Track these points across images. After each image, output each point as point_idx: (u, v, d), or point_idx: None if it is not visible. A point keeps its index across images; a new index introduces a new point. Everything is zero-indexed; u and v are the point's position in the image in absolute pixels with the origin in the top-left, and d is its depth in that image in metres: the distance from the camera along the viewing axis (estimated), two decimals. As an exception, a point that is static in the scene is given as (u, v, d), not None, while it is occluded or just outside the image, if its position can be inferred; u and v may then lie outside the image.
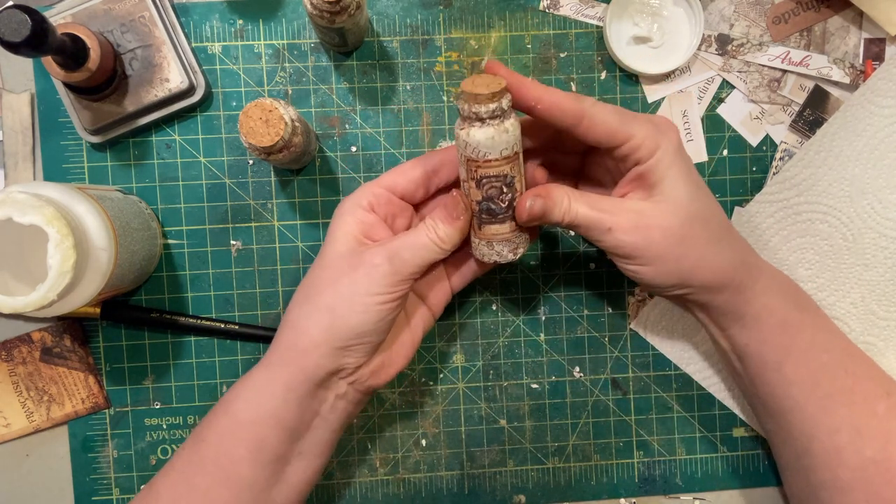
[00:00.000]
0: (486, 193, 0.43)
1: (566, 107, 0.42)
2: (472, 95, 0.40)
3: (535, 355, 0.56)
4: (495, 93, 0.40)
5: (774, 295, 0.47)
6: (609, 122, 0.43)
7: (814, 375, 0.46)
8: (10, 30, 0.39)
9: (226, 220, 0.54)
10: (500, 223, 0.44)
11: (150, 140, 0.54)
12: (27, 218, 0.39)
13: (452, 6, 0.55)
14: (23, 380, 0.53)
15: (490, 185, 0.42)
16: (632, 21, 0.55)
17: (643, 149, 0.43)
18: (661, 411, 0.56)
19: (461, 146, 0.42)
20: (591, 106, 0.43)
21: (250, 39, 0.54)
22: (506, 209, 0.43)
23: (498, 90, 0.40)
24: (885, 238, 0.54)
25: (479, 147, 0.41)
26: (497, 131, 0.41)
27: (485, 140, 0.41)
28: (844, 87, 0.56)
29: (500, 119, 0.41)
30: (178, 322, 0.53)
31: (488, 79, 0.41)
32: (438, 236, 0.43)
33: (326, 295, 0.43)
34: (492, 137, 0.41)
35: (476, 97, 0.40)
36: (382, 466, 0.56)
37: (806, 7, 0.56)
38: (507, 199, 0.43)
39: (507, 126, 0.41)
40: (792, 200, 0.54)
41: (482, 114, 0.41)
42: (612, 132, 0.43)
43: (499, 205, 0.43)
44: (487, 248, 0.45)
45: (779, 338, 0.46)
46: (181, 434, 0.54)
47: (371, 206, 0.45)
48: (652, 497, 0.57)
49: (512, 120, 0.42)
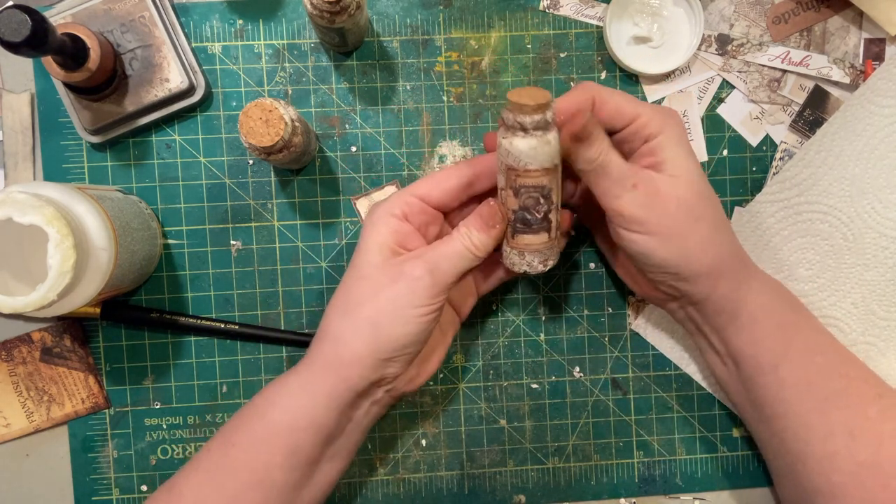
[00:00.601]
0: (524, 203, 0.43)
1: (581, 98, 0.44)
2: (518, 106, 0.41)
3: (535, 355, 0.56)
4: (541, 105, 0.41)
5: (769, 295, 0.47)
6: (618, 100, 0.45)
7: (808, 378, 0.46)
8: (10, 30, 0.39)
9: (226, 220, 0.54)
10: (535, 234, 0.44)
11: (150, 140, 0.54)
12: (27, 218, 0.39)
13: (452, 6, 0.55)
14: (23, 380, 0.53)
15: (528, 195, 0.43)
16: (632, 21, 0.55)
17: (651, 126, 0.44)
18: (661, 411, 0.56)
19: (503, 154, 0.43)
20: (597, 89, 0.45)
21: (250, 39, 0.54)
22: (541, 220, 0.44)
23: (543, 102, 0.41)
24: (886, 238, 0.54)
25: (520, 156, 0.42)
26: (540, 142, 0.42)
27: (527, 150, 0.42)
28: (844, 87, 0.56)
29: (544, 131, 0.42)
30: (178, 322, 0.53)
31: (534, 91, 0.42)
32: (473, 244, 0.43)
33: (367, 308, 0.43)
34: (534, 148, 0.42)
35: (522, 108, 0.41)
36: (382, 466, 0.56)
37: (806, 7, 0.56)
38: (543, 211, 0.43)
39: (550, 138, 0.42)
40: (792, 200, 0.54)
41: (526, 124, 0.41)
42: (620, 110, 0.44)
43: (534, 215, 0.44)
44: (519, 257, 0.45)
45: (774, 339, 0.46)
46: (181, 434, 0.54)
47: (405, 216, 0.45)
48: (652, 497, 0.57)
49: (554, 133, 0.42)
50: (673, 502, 0.57)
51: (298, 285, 0.55)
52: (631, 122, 0.45)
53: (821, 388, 0.46)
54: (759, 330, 0.46)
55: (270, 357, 0.55)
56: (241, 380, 0.54)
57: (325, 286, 0.55)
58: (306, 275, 0.55)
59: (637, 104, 0.45)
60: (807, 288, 0.55)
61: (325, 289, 0.55)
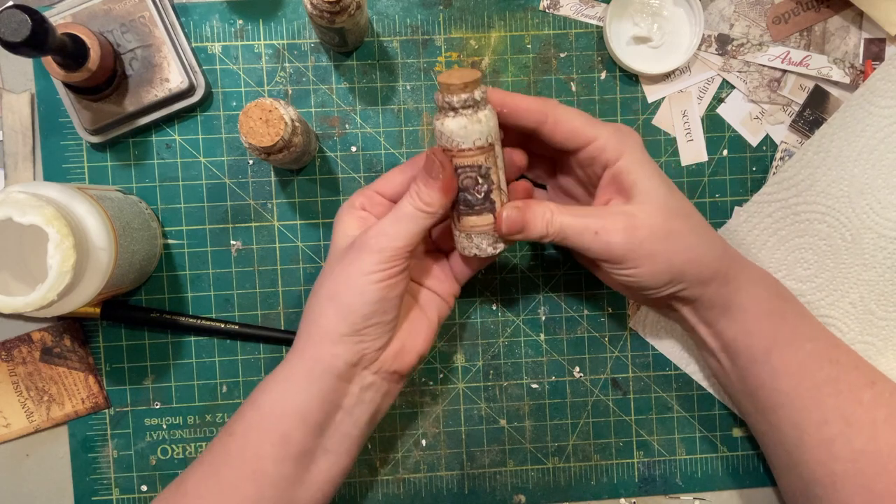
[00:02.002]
0: (462, 184, 0.43)
1: (531, 107, 0.44)
2: (446, 86, 0.42)
3: (535, 355, 0.56)
4: (467, 83, 0.41)
5: (758, 285, 0.48)
6: (573, 121, 0.45)
7: (801, 365, 0.47)
8: (10, 30, 0.39)
9: (226, 220, 0.54)
10: (478, 215, 0.44)
11: (150, 140, 0.54)
12: (27, 218, 0.39)
13: (452, 6, 0.55)
14: (23, 380, 0.53)
15: (465, 175, 0.43)
16: (632, 21, 0.55)
17: (609, 150, 0.45)
18: (661, 411, 0.56)
19: (437, 137, 0.43)
20: (555, 107, 0.45)
21: (250, 39, 0.54)
22: (482, 200, 0.44)
23: (470, 80, 0.41)
24: (884, 238, 0.54)
25: (452, 136, 0.42)
26: (470, 121, 0.42)
27: (457, 129, 0.42)
28: (844, 87, 0.56)
29: (473, 109, 0.42)
30: (178, 322, 0.53)
31: (463, 71, 0.43)
32: (423, 201, 0.43)
33: (328, 284, 0.44)
34: (464, 127, 0.42)
35: (449, 87, 0.41)
36: (382, 466, 0.56)
37: (806, 7, 0.56)
38: (483, 191, 0.43)
39: (481, 116, 0.42)
40: (791, 200, 0.54)
41: (454, 103, 0.42)
42: (575, 132, 0.45)
43: (475, 195, 0.43)
44: (467, 240, 0.45)
45: (765, 327, 0.47)
46: (181, 434, 0.54)
47: (363, 206, 0.47)
48: (652, 497, 0.57)
49: (486, 111, 0.42)
50: (673, 502, 0.57)
51: (298, 285, 0.55)
52: (587, 145, 0.45)
53: (813, 376, 0.46)
54: (750, 319, 0.47)
55: (270, 357, 0.55)
56: (241, 380, 0.54)
57: (325, 286, 0.55)
58: (306, 275, 0.55)
59: (594, 126, 0.45)
60: (805, 288, 0.55)
61: (325, 289, 0.55)
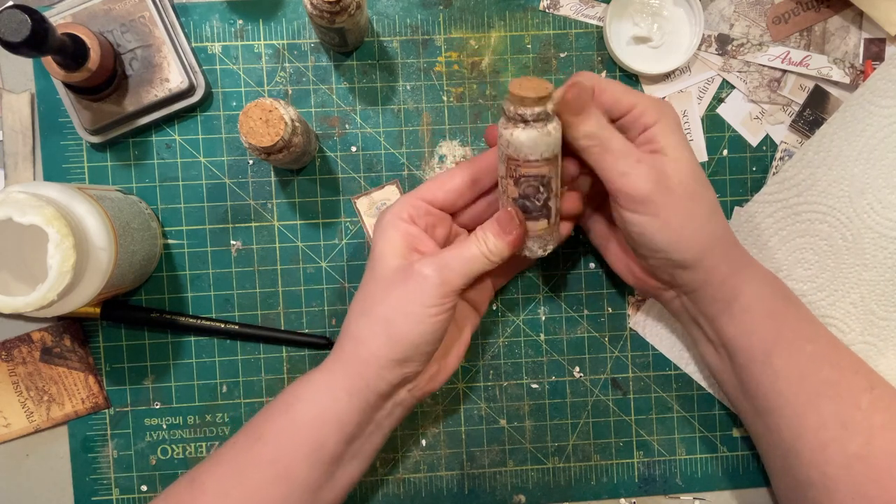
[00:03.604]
0: (524, 192, 0.44)
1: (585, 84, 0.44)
2: (519, 98, 0.41)
3: (535, 355, 0.56)
4: (541, 97, 0.41)
5: (762, 284, 0.47)
6: (616, 90, 0.46)
7: (800, 367, 0.46)
8: (10, 30, 0.39)
9: (226, 220, 0.54)
10: (535, 220, 0.45)
11: (150, 140, 0.54)
12: (27, 218, 0.39)
13: (452, 6, 0.55)
14: (23, 380, 0.53)
15: (528, 184, 0.44)
16: (632, 21, 0.55)
17: (647, 115, 0.45)
18: (661, 411, 0.56)
19: (503, 145, 0.43)
20: (596, 78, 0.46)
21: (250, 39, 0.54)
22: (541, 207, 0.44)
23: (544, 94, 0.42)
24: (885, 238, 0.54)
25: (521, 148, 0.42)
26: (540, 133, 0.42)
27: (527, 141, 0.42)
28: (844, 87, 0.56)
29: (544, 122, 0.42)
30: (178, 322, 0.53)
31: (535, 82, 0.42)
32: (489, 249, 0.44)
33: (382, 308, 0.44)
34: (534, 139, 0.42)
35: (522, 100, 0.41)
36: (382, 466, 0.56)
37: (806, 7, 0.56)
38: (542, 199, 0.44)
39: (550, 129, 0.42)
40: (791, 200, 0.54)
41: (527, 116, 0.42)
42: (617, 99, 0.45)
43: (534, 203, 0.44)
44: None
45: (766, 328, 0.47)
46: (181, 434, 0.54)
47: (412, 219, 0.46)
48: (652, 497, 0.57)
49: (555, 123, 0.43)
50: (673, 502, 0.57)
51: (298, 285, 0.55)
52: (628, 112, 0.46)
53: (812, 379, 0.46)
54: (752, 319, 0.47)
55: (270, 357, 0.55)
56: (241, 380, 0.54)
57: (325, 286, 0.55)
58: (306, 275, 0.55)
59: (634, 94, 0.46)
60: (806, 288, 0.55)
61: (324, 289, 0.55)
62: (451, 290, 0.43)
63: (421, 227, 0.46)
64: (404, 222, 0.45)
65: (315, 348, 0.55)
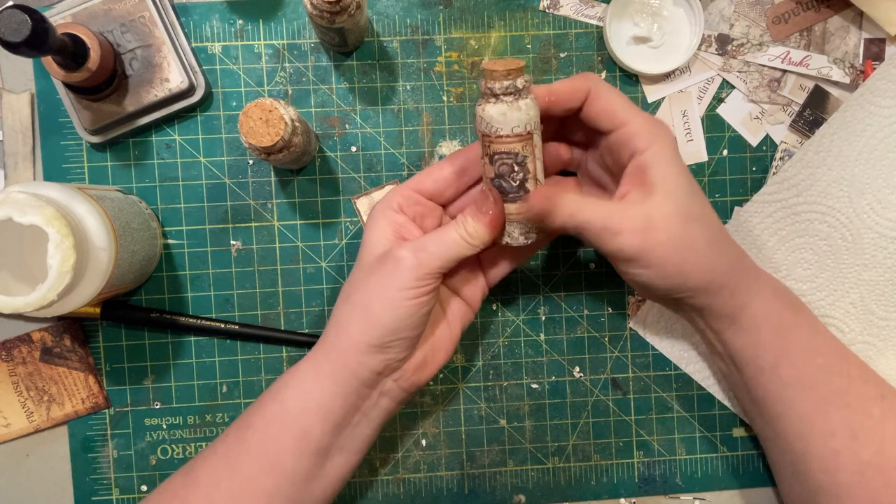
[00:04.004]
0: (498, 170, 0.43)
1: (575, 84, 0.44)
2: (489, 72, 0.42)
3: (535, 355, 0.56)
4: (510, 70, 0.42)
5: (769, 298, 0.47)
6: (612, 98, 0.44)
7: (809, 378, 0.46)
8: (10, 30, 0.39)
9: (226, 220, 0.54)
10: (512, 202, 0.44)
11: (150, 140, 0.54)
12: (27, 218, 0.39)
13: (452, 6, 0.55)
14: (23, 380, 0.53)
15: (502, 162, 0.43)
16: (632, 21, 0.55)
17: (640, 137, 0.44)
18: (661, 411, 0.56)
19: (477, 122, 0.43)
20: (597, 81, 0.45)
21: (250, 39, 0.54)
22: (517, 188, 0.44)
23: (513, 68, 0.42)
24: (885, 238, 0.54)
25: (491, 122, 0.42)
26: (510, 108, 0.42)
27: (497, 115, 0.42)
28: (844, 87, 0.56)
29: (515, 97, 0.42)
30: (178, 322, 0.53)
31: (508, 60, 0.43)
32: (467, 232, 0.44)
33: (360, 293, 0.44)
34: (504, 113, 0.42)
35: (492, 73, 0.42)
36: (382, 466, 0.56)
37: (806, 7, 0.56)
38: (519, 179, 0.44)
39: (521, 105, 0.42)
40: (791, 200, 0.54)
41: (496, 89, 0.42)
42: (612, 110, 0.44)
43: (510, 182, 0.44)
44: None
45: (774, 341, 0.46)
46: (181, 434, 0.54)
47: (400, 208, 0.46)
48: (652, 497, 0.57)
49: (528, 100, 0.43)
50: (673, 502, 0.57)
51: (298, 285, 0.55)
52: (619, 127, 0.44)
53: (822, 389, 0.46)
54: (759, 333, 0.46)
55: (270, 357, 0.55)
56: (241, 380, 0.54)
57: (325, 286, 0.55)
58: (306, 275, 0.55)
59: (630, 110, 0.44)
60: (805, 288, 0.55)
61: (325, 289, 0.55)
62: (427, 273, 0.43)
63: (409, 216, 0.46)
64: (393, 211, 0.46)
65: (315, 348, 0.55)
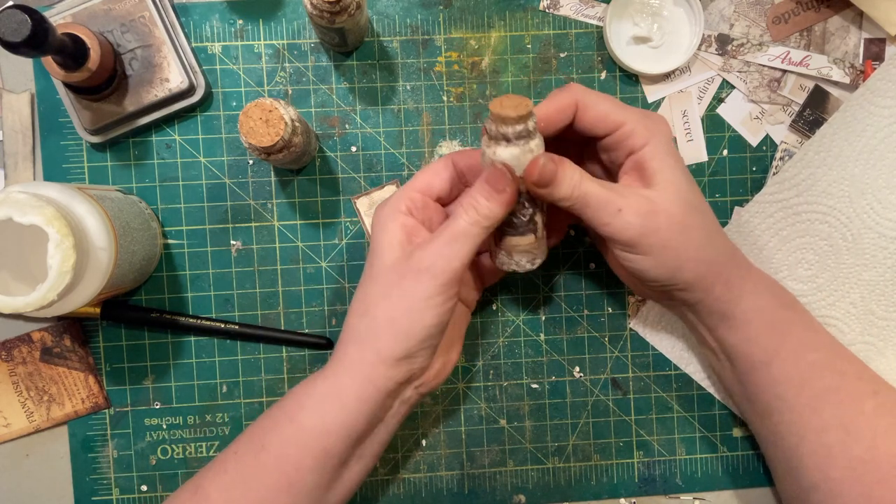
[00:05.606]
0: None
1: (562, 104, 0.44)
2: (500, 117, 0.41)
3: (535, 355, 0.56)
4: (522, 115, 0.41)
5: (761, 294, 0.47)
6: (601, 106, 0.44)
7: (802, 374, 0.46)
8: (10, 30, 0.39)
9: (226, 220, 0.54)
10: (521, 235, 0.45)
11: (150, 140, 0.54)
12: (27, 218, 0.39)
13: (452, 6, 0.55)
14: (23, 380, 0.53)
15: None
16: (632, 21, 0.55)
17: (636, 136, 0.44)
18: (661, 411, 0.56)
19: (487, 163, 0.43)
20: (584, 93, 0.44)
21: (250, 39, 0.54)
22: (526, 223, 0.44)
23: (525, 113, 0.41)
24: (885, 238, 0.54)
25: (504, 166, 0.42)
26: (522, 151, 0.42)
27: (510, 159, 0.42)
28: (844, 87, 0.56)
29: (526, 140, 0.42)
30: (178, 322, 0.53)
31: (515, 100, 0.42)
32: (480, 214, 0.42)
33: (383, 306, 0.43)
34: (517, 157, 0.42)
35: (503, 119, 0.41)
36: (382, 466, 0.56)
37: (806, 7, 0.56)
38: (528, 214, 0.44)
39: (532, 146, 0.42)
40: (791, 201, 0.54)
41: (509, 134, 0.42)
42: (604, 116, 0.44)
43: (520, 219, 0.44)
44: (507, 257, 0.46)
45: (767, 337, 0.47)
46: (181, 434, 0.54)
47: (409, 211, 0.45)
48: (652, 497, 0.57)
49: (537, 140, 0.43)
50: (673, 502, 0.57)
51: (298, 285, 0.55)
52: (615, 130, 0.44)
53: (814, 385, 0.46)
54: (752, 329, 0.47)
55: (270, 357, 0.55)
56: (240, 380, 0.54)
57: (325, 286, 0.55)
58: (306, 275, 0.55)
59: (623, 111, 0.44)
60: (806, 288, 0.55)
61: (325, 289, 0.55)
62: (451, 278, 0.42)
63: (419, 219, 0.45)
64: (402, 214, 0.45)
65: (315, 348, 0.55)
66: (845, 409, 0.46)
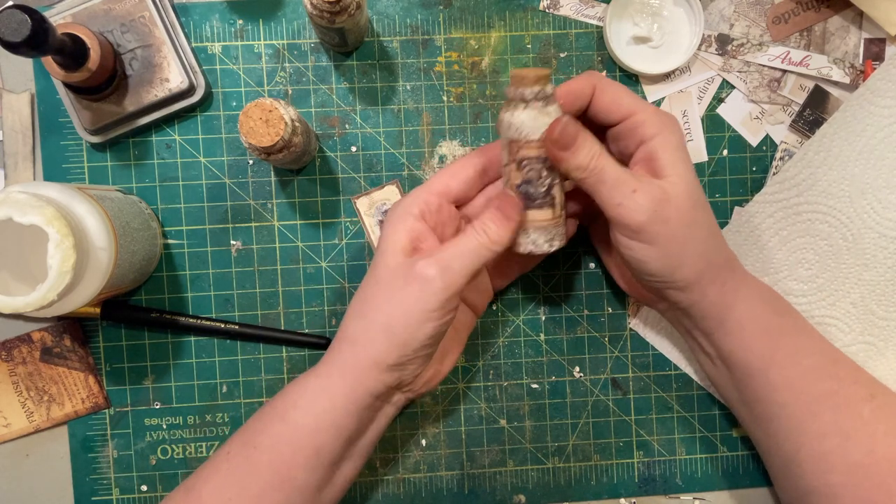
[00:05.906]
0: (526, 176, 0.43)
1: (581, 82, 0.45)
2: (519, 77, 0.43)
3: (535, 355, 0.56)
4: (540, 76, 0.42)
5: (755, 300, 0.47)
6: (617, 91, 0.45)
7: (799, 380, 0.46)
8: (10, 30, 0.39)
9: (226, 220, 0.54)
10: (539, 209, 0.44)
11: (150, 140, 0.54)
12: (27, 218, 0.39)
13: (452, 6, 0.55)
14: (23, 380, 0.53)
15: (530, 168, 0.43)
16: (632, 21, 0.55)
17: (648, 125, 0.44)
18: (661, 411, 0.56)
19: (504, 128, 0.43)
20: (600, 77, 0.46)
21: (250, 39, 0.54)
22: (544, 194, 0.44)
23: (543, 75, 0.42)
24: (885, 238, 0.54)
25: (521, 127, 0.43)
26: (540, 113, 0.43)
27: (528, 121, 0.42)
28: (844, 87, 0.56)
29: (544, 102, 0.43)
30: (178, 322, 0.53)
31: (534, 69, 0.44)
32: (490, 238, 0.43)
33: (382, 312, 0.43)
34: (535, 118, 0.42)
35: (522, 79, 0.43)
36: (382, 466, 0.56)
37: (806, 7, 0.56)
38: (546, 184, 0.44)
39: (550, 110, 0.43)
40: (791, 200, 0.54)
41: (526, 95, 0.43)
42: (618, 101, 0.45)
43: (538, 188, 0.44)
44: (523, 235, 0.45)
45: (762, 344, 0.47)
46: (181, 434, 0.54)
47: (422, 215, 0.45)
48: (652, 497, 0.57)
49: (555, 106, 0.43)
50: (673, 502, 0.57)
51: (298, 285, 0.55)
52: (627, 117, 0.45)
53: (811, 391, 0.46)
54: (747, 335, 0.47)
55: (270, 357, 0.55)
56: (240, 380, 0.54)
57: (325, 286, 0.55)
58: (306, 275, 0.55)
59: (636, 101, 0.45)
60: (806, 288, 0.55)
61: (325, 289, 0.55)
62: (453, 292, 0.42)
63: (430, 224, 0.45)
64: (413, 218, 0.44)
65: (315, 348, 0.55)
66: (843, 414, 0.45)
